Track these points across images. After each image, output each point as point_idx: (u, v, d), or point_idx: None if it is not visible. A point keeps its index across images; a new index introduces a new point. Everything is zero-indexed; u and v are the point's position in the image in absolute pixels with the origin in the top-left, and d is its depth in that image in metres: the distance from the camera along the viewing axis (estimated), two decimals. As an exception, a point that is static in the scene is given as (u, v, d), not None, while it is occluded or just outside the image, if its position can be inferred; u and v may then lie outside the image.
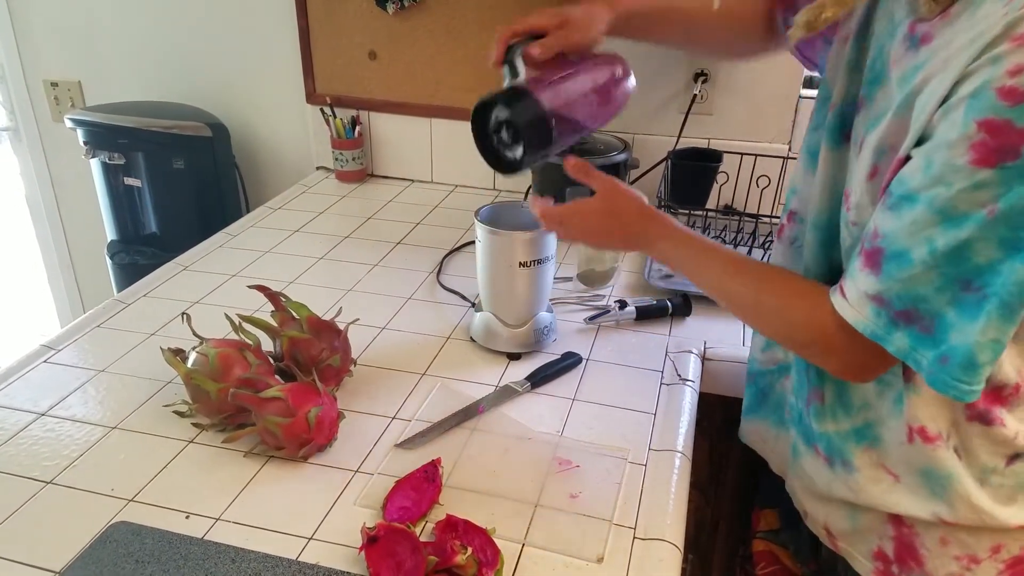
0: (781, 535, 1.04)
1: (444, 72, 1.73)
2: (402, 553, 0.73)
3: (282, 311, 1.02)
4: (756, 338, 0.99)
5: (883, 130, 0.67)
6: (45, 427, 0.95)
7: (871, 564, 0.84)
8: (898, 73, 0.68)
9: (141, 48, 1.95)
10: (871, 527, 0.83)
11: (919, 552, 0.79)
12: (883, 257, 0.65)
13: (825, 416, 0.82)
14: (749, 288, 0.80)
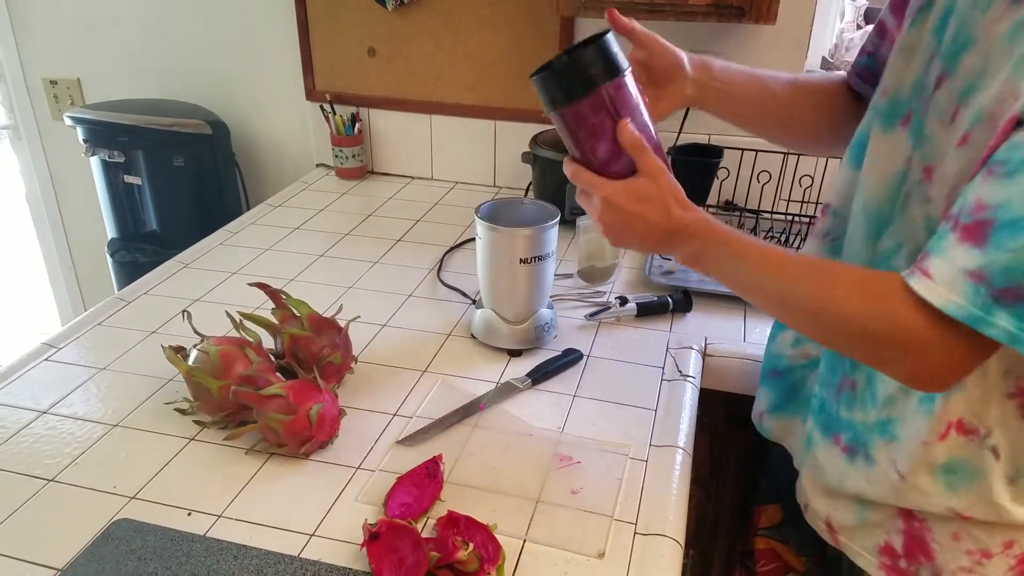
0: (783, 530, 1.04)
1: (444, 68, 1.73)
2: (404, 549, 0.73)
3: (283, 308, 1.02)
4: (785, 333, 0.97)
5: (988, 95, 0.63)
6: (47, 425, 0.95)
7: (876, 559, 0.83)
8: (1001, 31, 0.63)
9: (140, 46, 1.95)
10: (879, 522, 0.82)
11: (930, 546, 0.79)
12: (992, 228, 0.58)
13: (855, 404, 0.81)
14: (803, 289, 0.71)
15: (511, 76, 1.70)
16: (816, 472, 0.88)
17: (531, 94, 1.86)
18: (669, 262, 1.38)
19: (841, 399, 0.83)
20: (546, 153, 1.54)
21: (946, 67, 0.69)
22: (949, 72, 0.68)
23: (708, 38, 1.56)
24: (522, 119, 1.72)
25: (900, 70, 0.77)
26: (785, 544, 1.03)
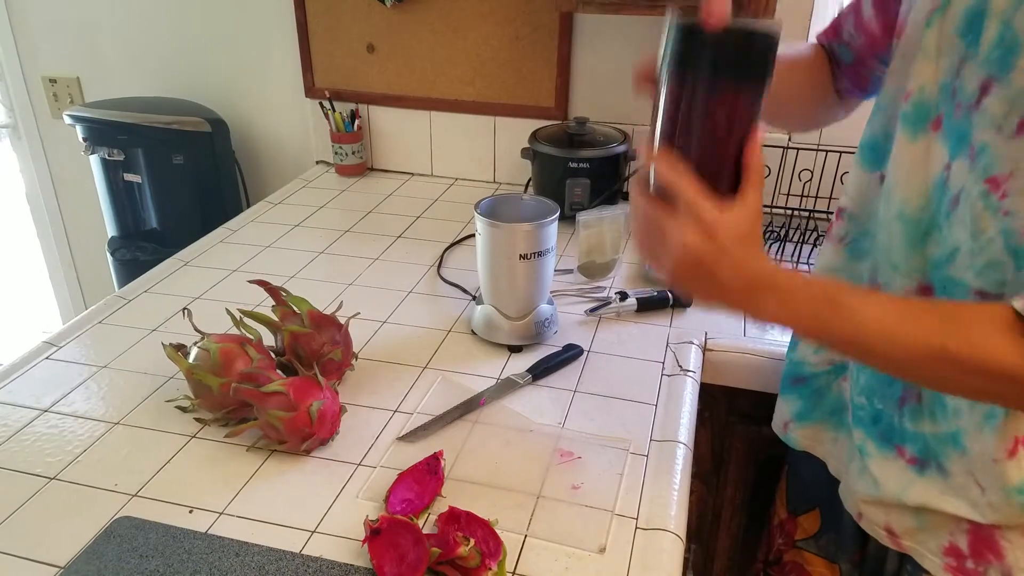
0: (820, 540, 1.01)
1: (443, 64, 1.73)
2: (405, 545, 0.73)
3: (283, 305, 1.02)
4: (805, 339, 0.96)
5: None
6: (48, 423, 0.95)
7: (941, 560, 0.80)
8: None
9: (139, 44, 1.95)
10: (942, 524, 0.80)
11: (999, 544, 0.76)
12: None
13: (922, 416, 0.78)
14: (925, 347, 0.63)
15: (510, 72, 1.69)
16: (871, 484, 0.85)
17: (531, 90, 1.85)
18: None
19: (905, 412, 0.80)
20: (545, 149, 1.54)
21: (993, 72, 0.66)
22: (998, 77, 0.65)
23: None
24: (521, 115, 1.72)
25: (924, 73, 0.74)
26: (819, 555, 1.01)
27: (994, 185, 0.67)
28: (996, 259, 0.67)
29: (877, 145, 0.82)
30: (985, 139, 0.67)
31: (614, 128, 1.61)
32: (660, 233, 0.66)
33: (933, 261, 0.75)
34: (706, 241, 0.63)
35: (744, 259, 0.65)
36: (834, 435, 0.93)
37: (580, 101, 1.70)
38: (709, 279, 0.65)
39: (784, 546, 1.05)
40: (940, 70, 0.72)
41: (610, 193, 1.55)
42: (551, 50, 1.65)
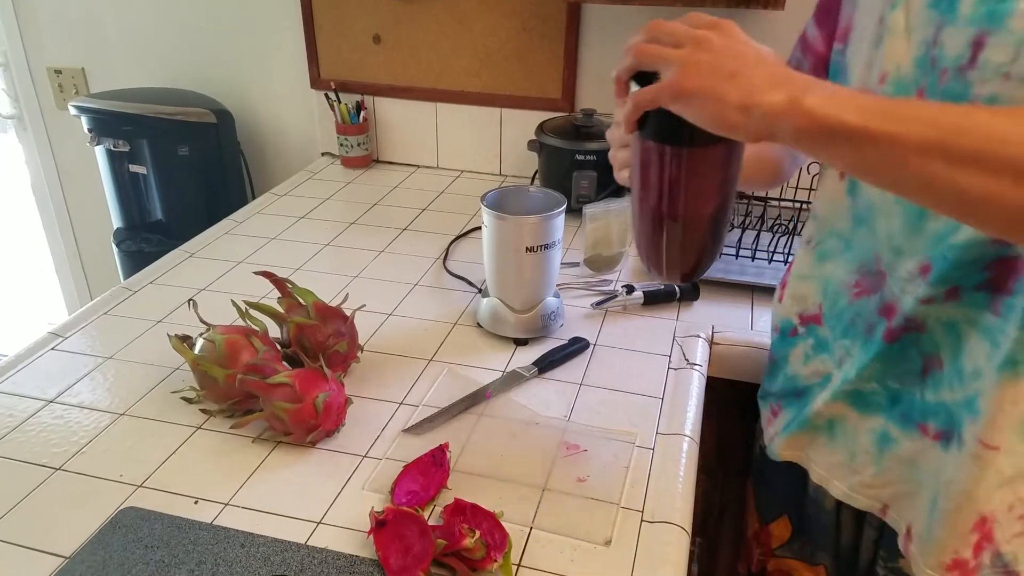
0: (794, 545, 1.01)
1: (449, 56, 1.72)
2: (410, 537, 0.73)
3: (288, 297, 1.02)
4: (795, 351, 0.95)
5: None
6: (54, 414, 0.95)
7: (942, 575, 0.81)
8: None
9: (144, 35, 1.94)
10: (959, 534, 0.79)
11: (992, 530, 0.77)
12: None
13: (942, 384, 0.78)
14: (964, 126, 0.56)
15: (517, 64, 1.69)
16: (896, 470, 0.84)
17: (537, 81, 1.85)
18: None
19: (928, 382, 0.79)
20: (552, 141, 1.53)
21: (984, 27, 0.65)
22: (992, 30, 0.64)
23: (715, 24, 1.55)
24: (528, 107, 1.71)
25: (897, 53, 0.75)
26: (799, 559, 1.01)
27: None
28: None
29: None
30: (992, 91, 0.66)
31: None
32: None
33: (937, 235, 0.74)
34: (723, 36, 0.63)
35: (759, 62, 0.62)
36: (827, 439, 0.93)
37: (587, 93, 1.69)
38: (732, 71, 0.62)
39: (763, 556, 1.06)
40: (913, 46, 0.72)
41: (617, 186, 1.54)
42: (558, 42, 1.64)
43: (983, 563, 0.80)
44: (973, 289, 0.73)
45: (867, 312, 0.84)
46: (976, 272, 0.73)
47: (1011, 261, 0.71)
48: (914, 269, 0.77)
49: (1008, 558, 0.79)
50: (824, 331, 0.90)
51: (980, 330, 0.74)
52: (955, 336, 0.76)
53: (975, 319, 0.74)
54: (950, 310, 0.76)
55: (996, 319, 0.72)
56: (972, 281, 0.73)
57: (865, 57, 0.79)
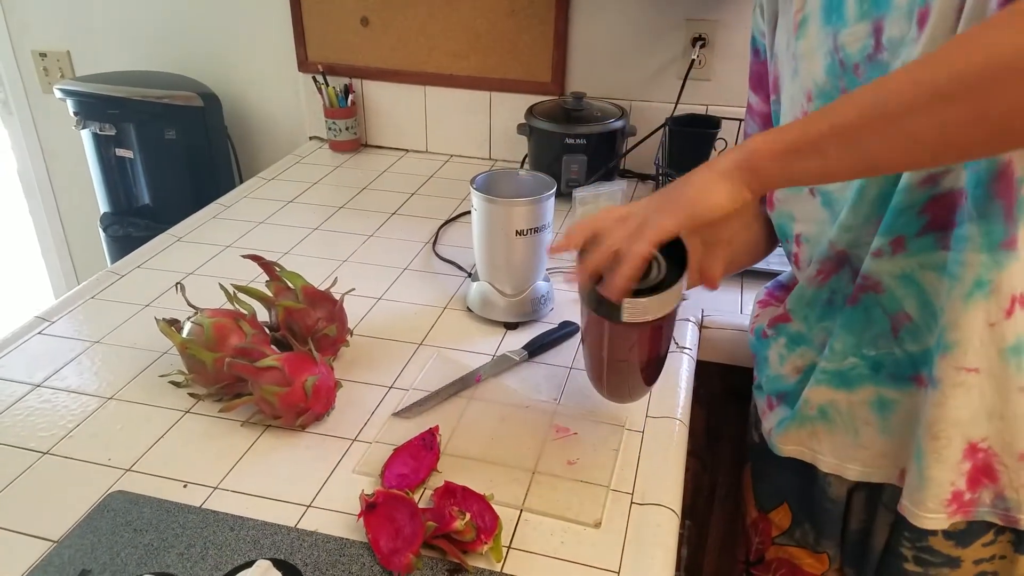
0: (795, 533, 1.01)
1: (437, 38, 1.71)
2: (401, 519, 0.73)
3: (277, 281, 1.02)
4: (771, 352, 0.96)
5: None
6: (41, 398, 0.95)
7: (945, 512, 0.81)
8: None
9: (130, 17, 1.92)
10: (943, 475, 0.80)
11: (995, 469, 0.79)
12: None
13: (919, 334, 0.79)
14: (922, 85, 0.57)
15: (506, 46, 1.68)
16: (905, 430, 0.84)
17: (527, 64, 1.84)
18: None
19: (903, 338, 0.80)
20: (542, 125, 1.53)
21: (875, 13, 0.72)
22: (883, 12, 0.71)
23: (707, 6, 1.54)
24: (517, 90, 1.70)
25: (810, 73, 0.80)
26: (801, 547, 1.01)
27: None
28: None
29: None
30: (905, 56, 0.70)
31: (611, 104, 1.59)
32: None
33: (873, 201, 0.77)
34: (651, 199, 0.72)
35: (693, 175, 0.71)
36: (825, 426, 0.93)
37: (577, 76, 1.68)
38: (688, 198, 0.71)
39: (763, 545, 1.06)
40: (820, 59, 0.78)
41: (607, 169, 1.54)
42: (548, 24, 1.63)
43: (982, 500, 0.81)
44: (916, 236, 0.76)
45: (832, 290, 0.86)
46: (914, 219, 0.75)
47: (943, 197, 0.73)
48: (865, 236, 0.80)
49: (1011, 503, 0.80)
50: (795, 325, 0.92)
51: (936, 271, 0.76)
52: (914, 286, 0.78)
53: (927, 262, 0.76)
54: (901, 262, 0.77)
55: (948, 253, 0.74)
56: (913, 228, 0.75)
57: (789, 93, 0.84)
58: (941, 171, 0.71)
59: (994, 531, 0.83)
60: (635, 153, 1.60)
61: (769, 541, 1.04)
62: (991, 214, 0.70)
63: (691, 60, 1.55)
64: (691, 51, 1.56)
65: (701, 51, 1.56)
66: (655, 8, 1.57)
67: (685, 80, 1.56)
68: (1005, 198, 0.70)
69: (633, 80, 1.64)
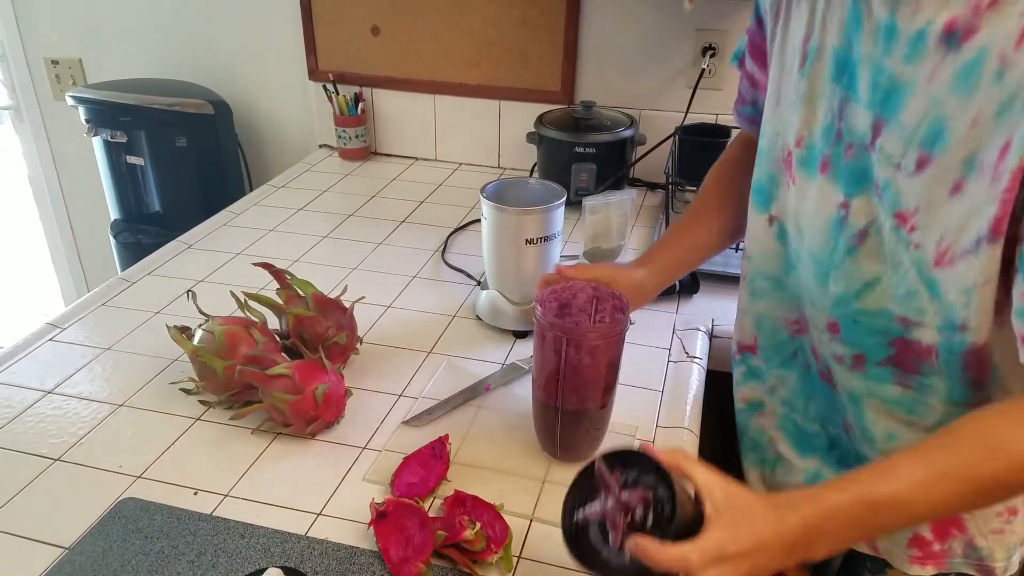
0: None
1: (448, 47, 1.71)
2: (411, 528, 0.73)
3: (287, 289, 1.02)
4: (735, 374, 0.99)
5: (965, 143, 0.63)
6: (52, 405, 0.95)
7: (906, 553, 0.84)
8: (943, 79, 0.63)
9: (142, 25, 1.93)
10: None
11: (962, 519, 0.80)
12: None
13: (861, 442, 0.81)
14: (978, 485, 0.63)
15: (516, 55, 1.68)
16: None
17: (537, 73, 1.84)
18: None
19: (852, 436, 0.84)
20: (551, 133, 1.53)
21: (880, 114, 0.69)
22: (886, 119, 0.69)
23: (717, 17, 1.54)
24: (527, 99, 1.70)
25: (808, 120, 0.78)
26: None
27: (902, 220, 0.69)
28: (913, 288, 0.70)
29: (763, 188, 0.85)
30: (886, 176, 0.70)
31: (621, 112, 1.60)
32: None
33: (836, 298, 0.78)
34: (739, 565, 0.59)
35: (771, 548, 0.60)
36: (759, 472, 0.95)
37: (587, 85, 1.68)
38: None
39: None
40: (820, 115, 0.76)
41: (616, 178, 1.54)
42: (558, 33, 1.63)
43: (954, 551, 0.82)
44: (877, 364, 0.77)
45: (804, 349, 0.88)
46: (881, 346, 0.76)
47: (910, 343, 0.73)
48: (823, 324, 0.81)
49: (984, 552, 0.82)
50: (757, 360, 0.94)
51: (885, 402, 0.77)
52: (859, 411, 0.80)
53: (876, 392, 0.77)
54: (855, 381, 0.79)
55: (908, 393, 0.76)
56: (878, 355, 0.76)
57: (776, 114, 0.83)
58: (915, 321, 0.71)
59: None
60: (645, 162, 1.60)
61: None
62: (960, 379, 0.72)
63: (701, 69, 1.55)
64: (701, 60, 1.56)
65: (711, 61, 1.56)
66: (665, 18, 1.57)
67: (695, 89, 1.56)
68: (976, 372, 0.71)
69: (643, 89, 1.65)
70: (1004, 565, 0.83)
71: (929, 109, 0.65)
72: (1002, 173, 0.61)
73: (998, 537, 0.81)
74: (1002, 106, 0.60)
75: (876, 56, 0.68)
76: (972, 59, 0.61)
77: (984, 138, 0.62)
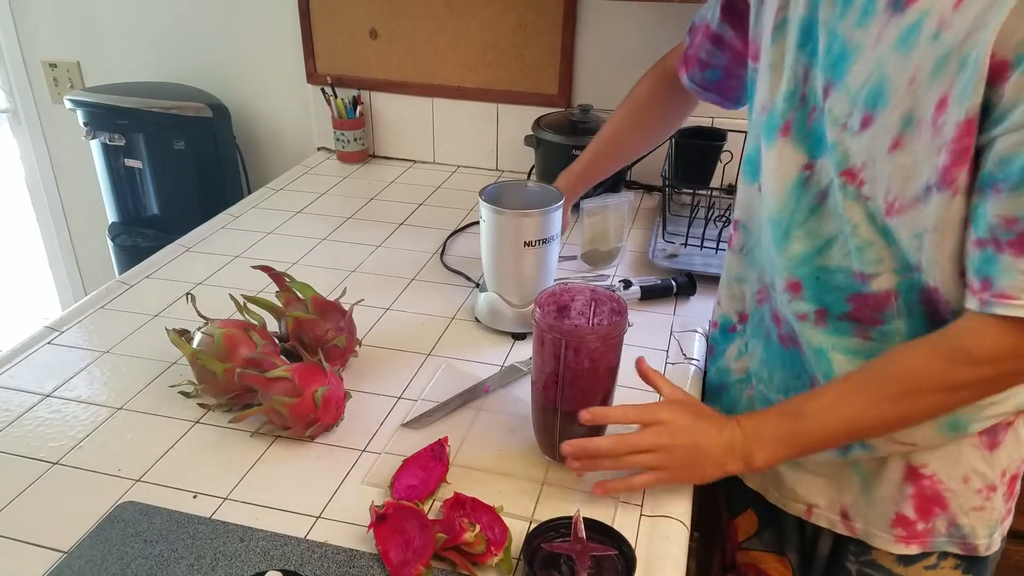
0: (764, 536, 1.04)
1: (446, 51, 1.72)
2: (411, 531, 0.73)
3: (287, 291, 1.02)
4: (731, 347, 0.99)
5: (907, 102, 0.66)
6: (51, 408, 0.95)
7: (891, 534, 0.86)
8: (888, 39, 0.67)
9: (140, 28, 1.93)
10: (886, 494, 0.84)
11: (943, 496, 0.83)
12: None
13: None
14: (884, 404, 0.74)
15: (514, 59, 1.68)
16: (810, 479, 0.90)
17: (534, 77, 1.84)
18: (672, 245, 1.37)
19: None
20: (549, 136, 1.53)
21: (830, 77, 0.73)
22: (835, 81, 0.73)
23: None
24: (525, 102, 1.71)
25: (771, 86, 0.81)
26: (767, 551, 1.03)
27: (850, 176, 0.73)
28: (868, 240, 0.74)
29: (752, 158, 0.88)
30: (834, 137, 0.74)
31: (618, 116, 1.60)
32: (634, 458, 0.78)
33: (799, 257, 0.80)
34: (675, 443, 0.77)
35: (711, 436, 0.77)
36: None
37: (584, 88, 1.69)
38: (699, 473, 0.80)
39: (734, 549, 1.07)
40: (784, 80, 0.79)
41: (614, 181, 1.55)
42: (555, 37, 1.63)
43: (937, 529, 0.85)
44: (837, 318, 0.80)
45: (765, 318, 0.90)
46: (840, 301, 0.79)
47: (867, 296, 0.77)
48: (783, 285, 0.83)
49: (967, 530, 0.84)
50: (745, 332, 0.96)
51: (847, 354, 0.80)
52: (825, 361, 0.82)
53: (840, 344, 0.80)
54: (819, 336, 0.81)
55: (868, 343, 0.79)
56: (837, 309, 0.80)
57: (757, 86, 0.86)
58: (871, 273, 0.75)
59: (937, 555, 0.86)
60: (641, 165, 1.60)
61: (737, 546, 1.06)
62: (921, 317, 0.75)
63: (698, 72, 1.56)
64: (698, 63, 1.56)
65: (708, 63, 1.56)
66: (661, 22, 1.57)
67: (692, 92, 1.56)
68: (935, 310, 0.74)
69: (640, 92, 1.65)
70: (987, 542, 0.85)
71: (873, 70, 0.69)
72: (942, 127, 0.64)
73: (979, 514, 0.84)
74: (937, 64, 0.64)
75: (832, 21, 0.72)
76: (914, 21, 0.65)
77: (920, 95, 0.65)
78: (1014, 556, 1.24)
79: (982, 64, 0.60)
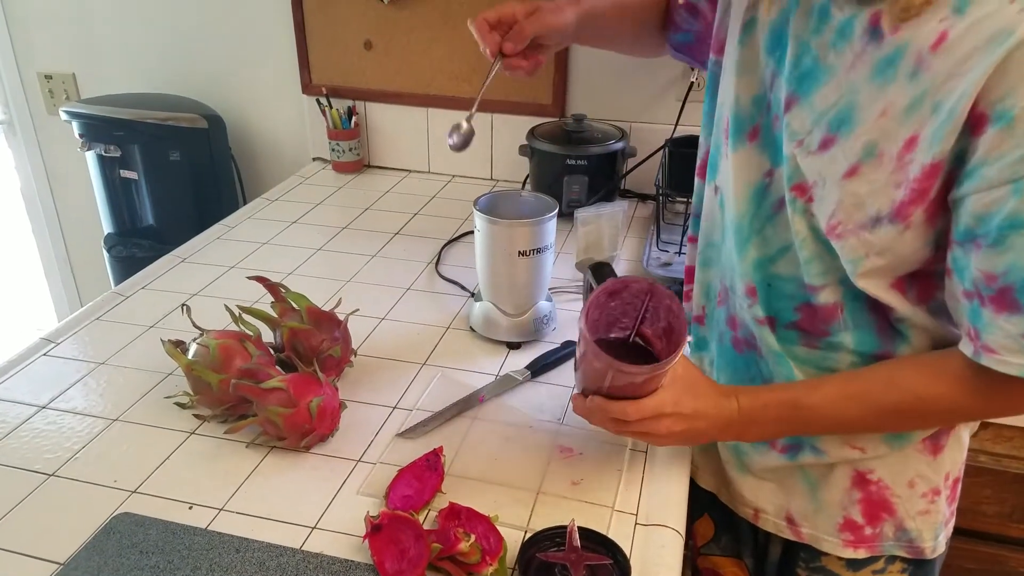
0: (721, 541, 1.04)
1: (440, 61, 1.73)
2: (406, 541, 0.74)
3: (282, 302, 1.02)
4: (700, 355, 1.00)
5: (872, 133, 0.67)
6: (46, 420, 0.95)
7: (839, 538, 0.87)
8: (863, 69, 0.67)
9: (135, 39, 1.94)
10: (836, 500, 0.85)
11: (890, 502, 0.84)
12: (1015, 292, 0.63)
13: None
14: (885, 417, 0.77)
15: (508, 69, 1.69)
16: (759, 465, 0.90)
17: (528, 88, 1.85)
18: (667, 253, 1.38)
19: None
20: (543, 146, 1.54)
21: (795, 90, 0.73)
22: (799, 96, 0.72)
23: None
24: (519, 112, 1.72)
25: (738, 87, 0.80)
26: (724, 555, 1.04)
27: (800, 191, 0.73)
28: (814, 252, 0.75)
29: (712, 159, 0.88)
30: (788, 151, 0.73)
31: (612, 125, 1.61)
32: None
33: (754, 263, 0.81)
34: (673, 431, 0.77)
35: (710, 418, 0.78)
36: (702, 447, 0.97)
37: (578, 98, 1.70)
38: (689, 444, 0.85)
39: (694, 554, 1.09)
40: (753, 84, 0.79)
41: (608, 190, 1.56)
42: (549, 47, 1.64)
43: (885, 534, 0.86)
44: (785, 327, 0.81)
45: (721, 321, 0.90)
46: (789, 310, 0.80)
47: (815, 308, 0.78)
48: (743, 290, 0.84)
49: (913, 534, 0.85)
50: (704, 330, 0.97)
51: (798, 362, 0.82)
52: (785, 366, 0.83)
53: (792, 353, 0.82)
54: (774, 342, 0.82)
55: (816, 352, 0.80)
56: (785, 318, 0.81)
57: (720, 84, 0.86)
58: (818, 285, 0.76)
59: (884, 559, 0.87)
60: (635, 174, 1.61)
61: (697, 551, 1.06)
62: (867, 326, 0.77)
63: (690, 83, 1.57)
64: (690, 74, 1.57)
65: (699, 74, 1.57)
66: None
67: (684, 102, 1.57)
68: (878, 314, 0.76)
69: (633, 102, 1.66)
70: (933, 545, 0.87)
71: (843, 95, 0.69)
72: (907, 164, 0.65)
73: (925, 518, 0.85)
74: (912, 103, 0.64)
75: (805, 35, 0.72)
76: (891, 54, 0.65)
77: (890, 129, 0.66)
78: (958, 557, 1.27)
79: (959, 114, 0.60)
